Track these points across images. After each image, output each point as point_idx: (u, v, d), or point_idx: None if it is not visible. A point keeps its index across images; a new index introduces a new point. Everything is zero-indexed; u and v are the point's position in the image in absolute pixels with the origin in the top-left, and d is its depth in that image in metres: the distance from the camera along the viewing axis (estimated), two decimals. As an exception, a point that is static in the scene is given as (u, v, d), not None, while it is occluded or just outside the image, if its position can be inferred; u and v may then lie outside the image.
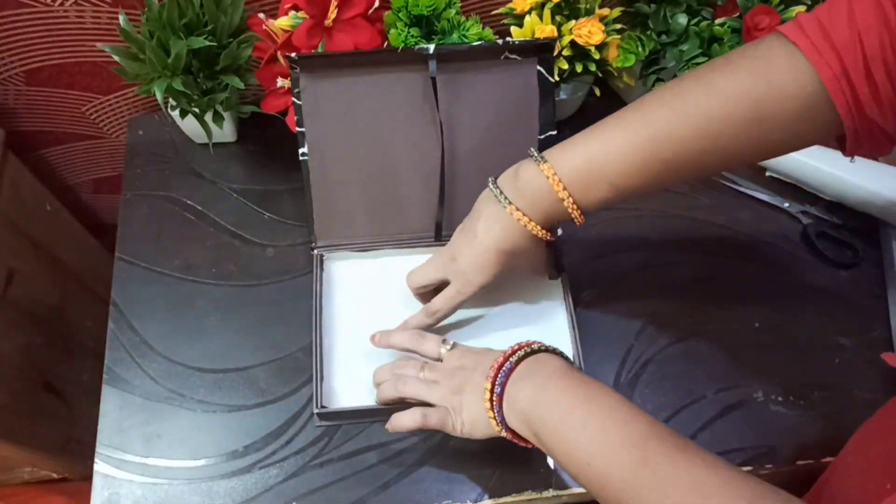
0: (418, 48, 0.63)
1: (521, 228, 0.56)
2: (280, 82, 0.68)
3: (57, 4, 0.69)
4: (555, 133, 0.67)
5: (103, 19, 0.71)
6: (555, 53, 0.67)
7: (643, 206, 0.76)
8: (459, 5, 0.68)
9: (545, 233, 0.56)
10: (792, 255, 0.74)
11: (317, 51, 0.65)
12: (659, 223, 0.75)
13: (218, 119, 0.71)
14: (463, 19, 0.68)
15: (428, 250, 0.70)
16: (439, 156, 0.65)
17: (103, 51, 0.66)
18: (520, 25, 0.68)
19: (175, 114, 0.71)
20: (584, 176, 0.53)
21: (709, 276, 0.72)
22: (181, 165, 0.78)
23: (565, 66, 0.69)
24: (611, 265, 0.72)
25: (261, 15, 0.68)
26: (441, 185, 0.67)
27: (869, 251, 0.74)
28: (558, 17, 0.68)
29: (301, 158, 0.66)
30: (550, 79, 0.65)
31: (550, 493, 0.60)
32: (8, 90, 0.79)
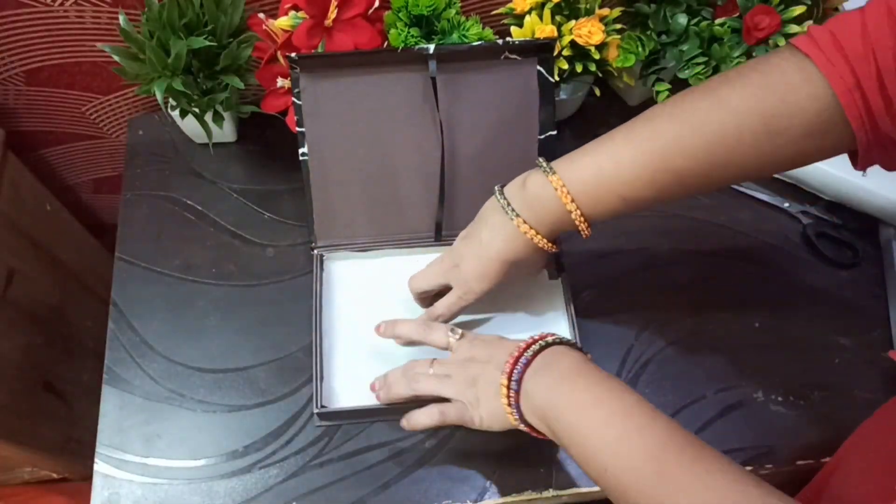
0: (418, 48, 0.63)
1: (527, 240, 0.55)
2: (280, 82, 0.68)
3: (57, 4, 0.69)
4: (555, 133, 0.67)
5: (103, 19, 0.71)
6: (555, 53, 0.67)
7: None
8: (459, 5, 0.68)
9: (551, 245, 0.56)
10: (792, 255, 0.74)
11: (317, 51, 0.65)
12: (659, 223, 0.75)
13: (218, 119, 0.71)
14: (463, 19, 0.68)
15: (428, 250, 0.70)
16: (439, 156, 0.65)
17: (103, 51, 0.66)
18: (520, 25, 0.68)
19: (175, 114, 0.71)
20: (594, 188, 0.52)
21: (709, 276, 0.72)
22: (181, 165, 0.78)
23: (565, 66, 0.69)
24: (611, 265, 0.72)
25: (261, 15, 0.68)
26: (441, 185, 0.67)
27: (869, 251, 0.74)
28: (558, 17, 0.68)
29: (301, 158, 0.66)
30: (550, 79, 0.65)
31: (550, 493, 0.60)
32: (8, 90, 0.79)
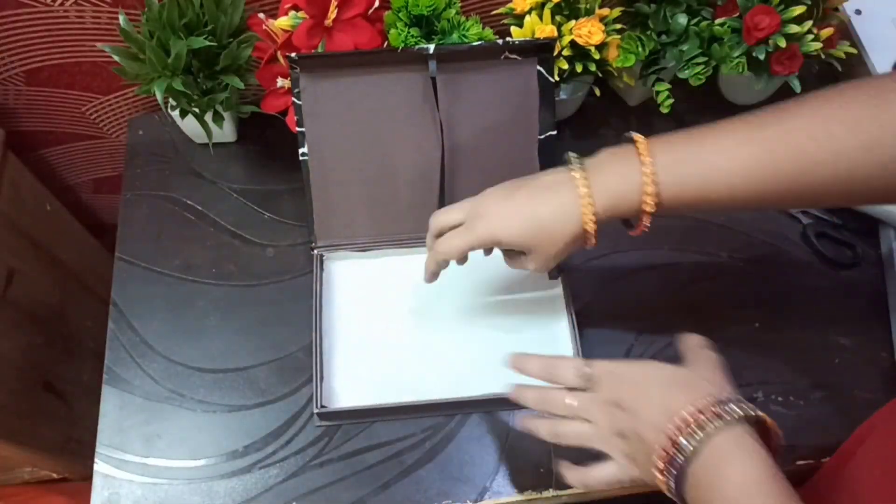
0: (418, 48, 0.63)
1: (576, 212, 0.52)
2: (280, 82, 0.68)
3: (57, 4, 0.69)
4: (555, 133, 0.67)
5: (103, 19, 0.71)
6: (555, 53, 0.67)
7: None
8: (459, 5, 0.68)
9: (592, 231, 0.53)
10: (792, 255, 0.74)
11: (317, 51, 0.65)
12: (659, 223, 0.75)
13: (218, 119, 0.71)
14: (463, 19, 0.68)
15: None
16: (439, 156, 0.65)
17: (103, 51, 0.67)
18: (520, 25, 0.68)
19: (175, 114, 0.71)
20: (681, 183, 0.51)
21: (709, 276, 0.72)
22: (181, 165, 0.78)
23: (565, 66, 0.69)
24: (611, 265, 0.72)
25: (261, 15, 0.68)
26: (441, 185, 0.67)
27: (869, 251, 0.74)
28: (558, 17, 0.68)
29: (301, 158, 0.66)
30: (550, 79, 0.65)
31: (550, 493, 0.60)
32: (8, 90, 0.79)
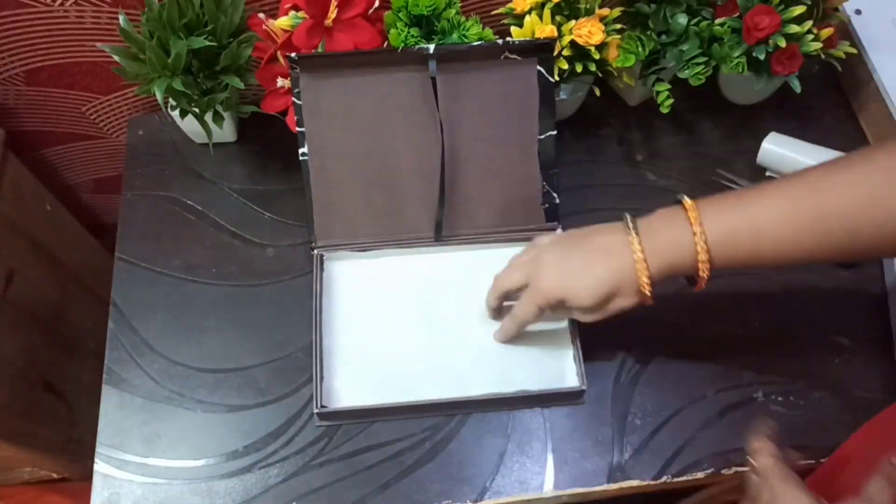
0: (418, 48, 0.63)
1: (633, 277, 0.52)
2: (280, 82, 0.68)
3: (57, 4, 0.69)
4: (555, 133, 0.67)
5: (103, 19, 0.71)
6: (555, 53, 0.67)
7: (643, 206, 0.76)
8: (459, 5, 0.68)
9: (648, 293, 0.53)
10: (792, 255, 0.74)
11: (317, 51, 0.65)
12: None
13: (218, 119, 0.71)
14: (463, 19, 0.68)
15: (428, 250, 0.70)
16: (439, 156, 0.65)
17: (103, 51, 0.67)
18: (520, 25, 0.68)
19: (175, 114, 0.71)
20: (732, 246, 0.51)
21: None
22: (181, 165, 0.78)
23: (565, 66, 0.69)
24: (611, 265, 0.72)
25: (261, 15, 0.68)
26: (441, 185, 0.67)
27: (869, 251, 0.74)
28: (558, 17, 0.68)
29: (301, 158, 0.66)
30: (550, 79, 0.65)
31: (550, 493, 0.60)
32: (8, 90, 0.79)
